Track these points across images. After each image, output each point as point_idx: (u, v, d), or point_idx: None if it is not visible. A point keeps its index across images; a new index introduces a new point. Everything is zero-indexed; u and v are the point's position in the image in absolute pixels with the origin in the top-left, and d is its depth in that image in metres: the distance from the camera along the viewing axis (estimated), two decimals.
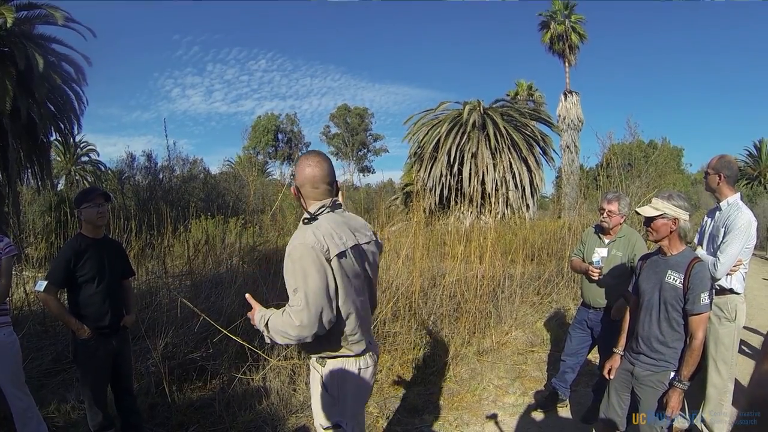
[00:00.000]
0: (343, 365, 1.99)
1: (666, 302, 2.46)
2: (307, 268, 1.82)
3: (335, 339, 1.95)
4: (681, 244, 2.49)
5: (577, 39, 26.30)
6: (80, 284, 2.91)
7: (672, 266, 2.45)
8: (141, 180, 15.77)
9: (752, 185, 33.10)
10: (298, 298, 1.82)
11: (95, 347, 2.93)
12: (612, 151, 10.22)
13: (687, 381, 2.39)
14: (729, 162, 3.18)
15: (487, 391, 4.27)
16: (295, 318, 1.81)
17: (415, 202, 6.33)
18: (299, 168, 2.04)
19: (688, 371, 2.38)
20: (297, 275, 1.84)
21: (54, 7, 13.13)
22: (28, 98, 12.81)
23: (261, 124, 44.63)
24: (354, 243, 1.99)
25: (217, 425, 3.44)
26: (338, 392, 1.99)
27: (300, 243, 1.86)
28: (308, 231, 1.89)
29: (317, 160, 2.03)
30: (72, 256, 2.87)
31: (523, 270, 6.66)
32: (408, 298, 4.83)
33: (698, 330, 2.36)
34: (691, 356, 2.38)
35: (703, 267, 2.39)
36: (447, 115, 20.08)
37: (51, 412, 3.50)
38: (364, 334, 2.02)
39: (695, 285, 2.35)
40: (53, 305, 2.89)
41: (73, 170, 34.32)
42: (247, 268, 5.93)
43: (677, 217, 2.42)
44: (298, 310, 1.81)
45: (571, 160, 24.99)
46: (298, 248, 1.86)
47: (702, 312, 2.35)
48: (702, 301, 2.34)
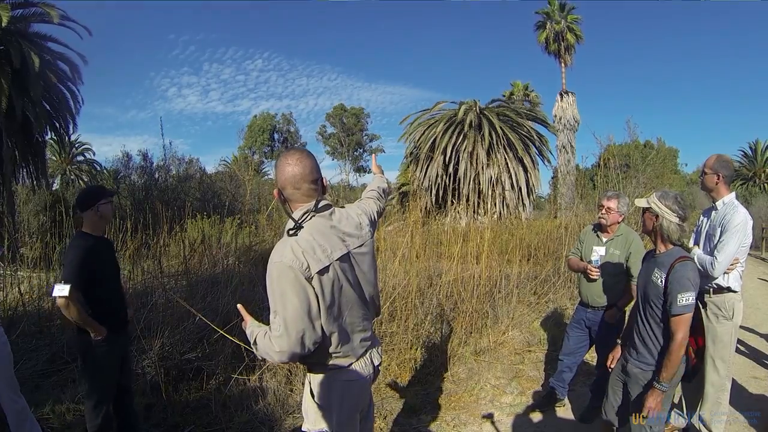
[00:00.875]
0: (331, 375, 1.90)
1: (650, 300, 2.47)
2: (285, 290, 1.71)
3: (320, 353, 1.85)
4: (667, 243, 2.48)
5: (573, 39, 26.40)
6: (95, 283, 2.86)
7: (658, 264, 2.46)
8: (137, 179, 15.69)
9: (747, 186, 33.29)
10: (276, 323, 1.72)
11: (110, 346, 2.91)
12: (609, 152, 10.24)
13: (666, 383, 2.34)
14: (727, 162, 3.18)
15: (484, 390, 4.26)
16: (275, 343, 1.72)
17: (412, 201, 6.32)
18: (279, 168, 1.88)
19: (667, 373, 2.32)
20: (275, 297, 1.73)
21: (50, 6, 13.08)
22: (23, 97, 12.74)
23: (257, 124, 44.55)
24: (342, 252, 1.86)
25: (214, 426, 3.42)
26: (325, 401, 1.92)
27: (278, 261, 1.74)
28: (287, 246, 1.76)
29: (297, 157, 1.87)
30: (86, 255, 2.83)
31: (520, 270, 6.66)
32: (405, 298, 4.82)
33: (677, 331, 2.30)
34: (668, 358, 2.32)
35: (685, 267, 2.34)
36: (443, 114, 20.11)
37: (46, 413, 3.47)
38: (352, 348, 1.91)
39: (673, 285, 2.32)
40: (78, 309, 2.77)
41: (69, 170, 34.19)
42: (243, 268, 5.92)
43: (659, 215, 2.44)
44: (276, 336, 1.71)
45: (567, 160, 25.09)
46: (276, 267, 1.74)
47: (679, 313, 2.29)
48: (679, 302, 2.28)
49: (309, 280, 1.73)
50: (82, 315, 2.79)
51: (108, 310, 2.94)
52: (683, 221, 2.43)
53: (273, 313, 1.73)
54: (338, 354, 1.87)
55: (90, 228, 2.97)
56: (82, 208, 2.94)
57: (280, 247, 1.78)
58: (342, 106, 46.22)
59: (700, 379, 3.23)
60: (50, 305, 5.08)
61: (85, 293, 2.83)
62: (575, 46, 26.75)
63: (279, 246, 1.80)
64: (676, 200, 2.45)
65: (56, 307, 4.88)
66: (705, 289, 3.22)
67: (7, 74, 12.19)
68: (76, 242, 2.89)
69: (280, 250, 1.77)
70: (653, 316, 2.46)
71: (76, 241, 2.91)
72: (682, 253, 2.44)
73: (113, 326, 2.94)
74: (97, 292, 2.88)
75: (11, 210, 13.05)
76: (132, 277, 5.65)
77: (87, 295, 2.84)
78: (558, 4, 26.20)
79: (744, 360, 4.96)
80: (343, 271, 1.85)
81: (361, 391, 1.99)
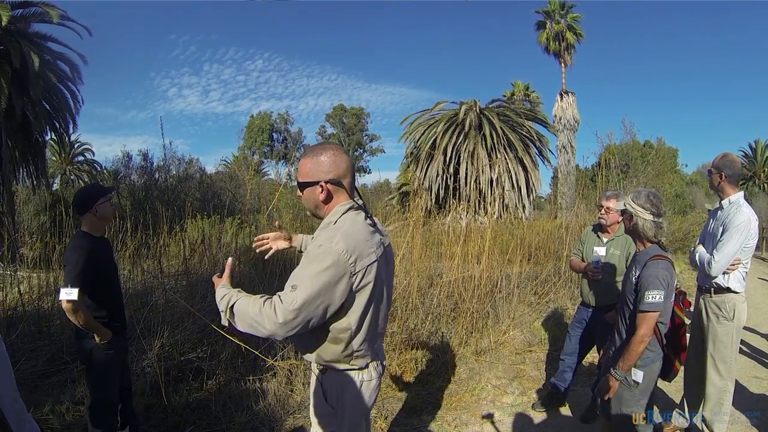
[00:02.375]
0: (344, 377, 1.86)
1: (626, 297, 2.54)
2: (321, 274, 1.63)
3: (341, 351, 1.79)
4: (645, 242, 2.53)
5: (574, 38, 26.38)
6: (100, 284, 2.82)
7: (636, 262, 2.53)
8: (137, 179, 15.67)
9: (747, 186, 33.32)
10: (293, 296, 1.61)
11: (114, 348, 2.87)
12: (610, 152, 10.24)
13: (622, 372, 2.40)
14: (731, 161, 3.16)
15: (485, 390, 4.25)
16: (280, 315, 1.61)
17: (413, 201, 6.31)
18: (333, 160, 1.79)
19: (624, 364, 2.39)
20: (305, 274, 1.64)
21: (50, 6, 13.06)
22: (23, 97, 12.72)
23: (255, 124, 44.52)
24: (381, 250, 1.82)
25: (214, 426, 3.41)
26: (337, 403, 1.88)
27: (328, 246, 1.66)
28: (338, 234, 1.69)
29: (339, 149, 1.84)
30: (89, 256, 2.76)
31: (521, 270, 6.65)
32: (405, 299, 4.81)
33: (640, 326, 2.35)
34: (627, 350, 2.38)
35: (656, 265, 2.38)
36: (443, 115, 20.14)
37: (46, 414, 3.45)
38: (371, 347, 1.86)
39: (643, 282, 2.38)
40: (85, 313, 2.70)
41: (69, 170, 34.18)
42: (244, 269, 5.91)
43: (633, 215, 2.49)
44: (287, 309, 1.61)
45: (567, 161, 25.08)
46: (324, 250, 1.66)
47: (645, 310, 2.34)
48: (647, 299, 2.33)
49: (352, 275, 1.67)
50: (89, 319, 2.72)
51: (111, 313, 2.90)
52: (658, 218, 2.47)
53: (291, 286, 1.65)
54: (359, 353, 1.82)
55: (90, 228, 2.90)
56: (80, 211, 2.86)
57: (330, 233, 1.72)
58: (342, 107, 46.21)
59: (702, 380, 3.23)
60: (50, 305, 5.07)
61: (90, 296, 2.78)
62: (575, 45, 26.76)
63: (328, 233, 1.73)
64: (648, 198, 2.49)
65: (56, 308, 4.90)
66: (705, 288, 3.22)
67: (7, 74, 12.17)
68: (77, 243, 2.80)
69: (330, 237, 1.69)
70: (627, 311, 2.52)
71: (77, 241, 2.82)
72: (658, 251, 2.48)
73: (116, 329, 2.91)
74: (100, 294, 2.83)
75: (11, 210, 13.03)
76: (132, 277, 5.63)
77: (91, 297, 2.79)
78: (558, 3, 26.18)
79: (745, 360, 4.96)
80: (380, 269, 1.80)
81: (374, 392, 1.96)
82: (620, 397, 2.50)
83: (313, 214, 1.90)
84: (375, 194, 19.48)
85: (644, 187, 2.72)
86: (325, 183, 1.79)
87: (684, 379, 3.45)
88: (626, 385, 2.46)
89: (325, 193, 1.81)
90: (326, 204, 1.84)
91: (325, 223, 1.82)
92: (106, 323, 2.83)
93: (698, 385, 3.27)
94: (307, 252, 1.72)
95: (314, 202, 1.84)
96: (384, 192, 24.50)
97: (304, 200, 1.88)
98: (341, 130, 45.38)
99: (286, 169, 27.88)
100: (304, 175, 1.82)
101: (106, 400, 2.89)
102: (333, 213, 1.81)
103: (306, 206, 1.91)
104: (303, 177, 1.83)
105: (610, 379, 2.45)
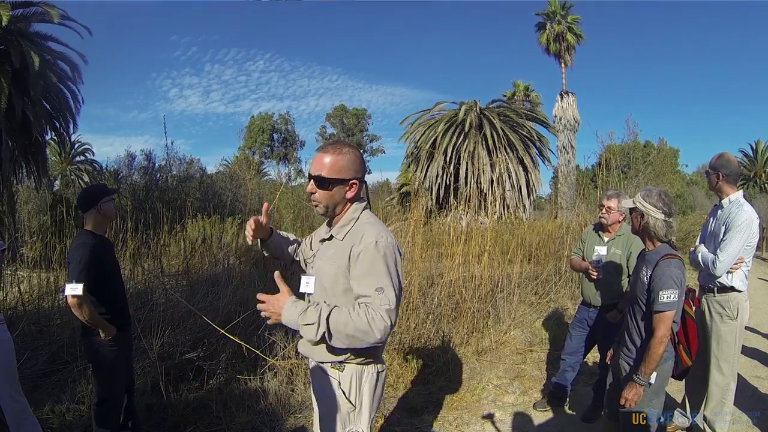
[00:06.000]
0: (362, 370, 1.84)
1: (637, 297, 2.50)
2: (392, 267, 1.70)
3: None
4: (655, 241, 2.50)
5: (574, 39, 26.34)
6: (102, 282, 2.85)
7: (646, 262, 2.49)
8: (138, 179, 15.68)
9: (748, 186, 33.27)
10: (385, 298, 1.64)
11: (119, 346, 2.90)
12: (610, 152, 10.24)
13: (644, 377, 2.35)
14: (727, 160, 3.16)
15: (486, 390, 4.25)
16: (386, 318, 1.62)
17: (414, 201, 6.30)
18: (361, 159, 1.84)
19: (646, 368, 2.34)
20: (382, 271, 1.68)
21: (50, 5, 13.03)
22: (23, 96, 12.70)
23: (255, 124, 44.51)
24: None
25: (214, 426, 3.40)
26: (357, 398, 1.84)
27: (384, 239, 1.71)
28: (379, 228, 1.76)
29: (356, 147, 1.88)
30: (93, 253, 2.80)
31: (521, 270, 6.65)
32: (406, 298, 4.81)
33: (658, 328, 2.32)
34: (647, 353, 2.34)
35: (669, 264, 2.35)
36: (443, 115, 20.15)
37: (46, 413, 3.45)
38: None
39: (656, 282, 2.34)
40: (90, 308, 2.74)
41: (69, 170, 34.16)
42: (244, 268, 5.90)
43: (645, 213, 2.46)
44: (389, 310, 1.63)
45: (567, 161, 25.04)
46: (384, 245, 1.70)
47: (661, 310, 2.31)
48: (661, 299, 2.30)
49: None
50: (94, 314, 2.76)
51: (115, 309, 2.93)
52: (669, 217, 2.45)
53: (378, 289, 1.65)
54: (384, 343, 1.80)
55: (93, 227, 2.95)
56: (84, 208, 2.93)
57: (374, 229, 1.75)
58: (342, 107, 46.18)
59: (704, 379, 3.22)
60: (50, 305, 5.07)
61: (93, 292, 2.81)
62: (575, 46, 26.72)
63: (371, 228, 1.76)
64: (660, 197, 2.47)
65: (56, 307, 4.90)
66: (709, 288, 3.21)
67: (7, 74, 12.16)
68: (81, 240, 2.84)
69: (376, 231, 1.74)
70: (640, 312, 2.49)
71: (81, 239, 2.86)
72: (669, 250, 2.45)
73: (120, 325, 2.94)
74: (103, 291, 2.87)
75: (12, 209, 13.03)
76: (132, 276, 5.63)
77: (94, 294, 2.82)
78: (558, 3, 26.17)
79: (746, 359, 4.94)
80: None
81: (384, 383, 1.96)
82: None
83: (324, 212, 1.86)
84: (375, 194, 19.47)
85: (652, 187, 2.68)
86: (357, 181, 1.81)
87: (685, 379, 3.44)
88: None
89: (354, 191, 1.82)
90: (351, 202, 1.84)
91: (347, 219, 1.83)
92: (110, 320, 2.86)
93: (700, 384, 3.26)
94: (364, 253, 1.70)
95: (339, 199, 1.82)
96: (384, 192, 24.48)
97: (325, 196, 1.81)
98: (342, 130, 45.37)
99: (287, 169, 27.87)
100: (336, 172, 1.78)
101: (112, 398, 2.91)
102: (353, 210, 1.83)
103: (322, 202, 1.83)
104: (335, 173, 1.78)
105: (634, 386, 2.38)
